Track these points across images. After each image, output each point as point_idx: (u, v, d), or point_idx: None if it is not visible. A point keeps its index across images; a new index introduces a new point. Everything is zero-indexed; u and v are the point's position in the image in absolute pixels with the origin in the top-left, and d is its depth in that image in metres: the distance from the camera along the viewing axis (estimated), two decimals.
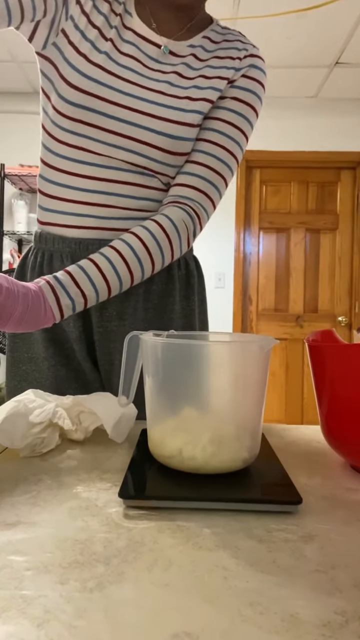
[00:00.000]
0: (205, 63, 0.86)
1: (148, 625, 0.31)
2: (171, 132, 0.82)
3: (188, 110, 0.83)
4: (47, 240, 0.89)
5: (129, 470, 0.54)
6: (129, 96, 0.81)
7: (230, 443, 0.53)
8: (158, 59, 0.85)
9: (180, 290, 0.93)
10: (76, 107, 0.80)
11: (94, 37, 0.81)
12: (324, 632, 0.30)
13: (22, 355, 0.92)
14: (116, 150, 0.83)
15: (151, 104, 0.81)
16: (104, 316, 0.88)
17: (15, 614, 0.31)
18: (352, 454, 0.59)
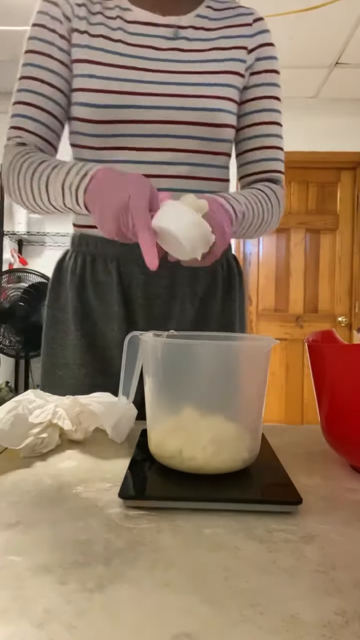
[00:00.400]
0: (216, 33, 0.89)
1: (148, 625, 0.31)
2: (205, 106, 0.84)
3: (214, 84, 0.85)
4: (89, 243, 0.88)
5: (129, 471, 0.54)
6: (151, 83, 0.82)
7: (230, 443, 0.53)
8: (169, 37, 0.86)
9: (222, 290, 0.93)
10: (103, 109, 0.82)
11: (101, 44, 0.83)
12: (324, 633, 0.30)
13: (59, 360, 0.90)
14: (154, 140, 0.83)
15: (178, 85, 0.83)
16: (150, 317, 0.88)
17: (15, 614, 0.31)
18: (352, 454, 0.59)
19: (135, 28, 0.85)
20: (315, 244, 3.71)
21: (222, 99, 0.85)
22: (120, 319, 0.87)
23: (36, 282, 3.00)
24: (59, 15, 0.84)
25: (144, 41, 0.85)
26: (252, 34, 0.89)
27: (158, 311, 0.88)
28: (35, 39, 0.85)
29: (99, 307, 0.88)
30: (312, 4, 2.50)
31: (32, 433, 0.61)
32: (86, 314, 0.89)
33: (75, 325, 0.89)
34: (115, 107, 0.82)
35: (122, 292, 0.87)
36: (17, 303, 2.93)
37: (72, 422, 0.67)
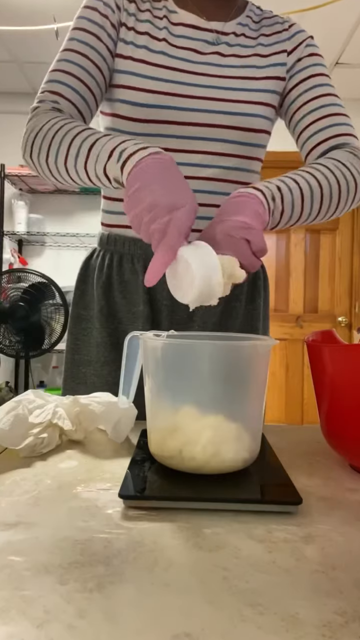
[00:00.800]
0: (256, 41, 0.90)
1: (148, 625, 0.31)
2: (242, 110, 0.84)
3: (255, 90, 0.86)
4: (117, 242, 0.89)
5: (129, 471, 0.54)
6: (192, 86, 0.83)
7: (230, 443, 0.53)
8: (213, 42, 0.88)
9: (247, 293, 0.93)
10: (142, 107, 0.82)
11: (145, 42, 0.84)
12: (324, 633, 0.30)
13: (83, 357, 0.91)
14: (191, 142, 0.84)
15: (217, 89, 0.84)
16: (174, 319, 0.88)
17: (15, 615, 0.31)
18: (352, 454, 0.59)
19: (179, 30, 0.87)
20: (315, 244, 3.70)
21: (260, 105, 0.86)
22: (145, 318, 0.88)
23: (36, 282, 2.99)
24: (112, 4, 0.85)
25: (187, 44, 0.86)
26: (289, 37, 0.91)
27: (182, 313, 0.88)
28: (85, 19, 0.84)
29: (124, 306, 0.89)
30: (312, 4, 2.50)
31: (32, 433, 0.61)
32: (111, 312, 0.90)
33: (100, 323, 0.90)
34: (155, 106, 0.82)
35: (147, 291, 0.88)
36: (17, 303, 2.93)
37: (72, 422, 0.67)
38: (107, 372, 0.89)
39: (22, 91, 3.52)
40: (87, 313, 0.92)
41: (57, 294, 2.96)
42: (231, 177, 0.87)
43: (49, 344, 3.00)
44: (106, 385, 0.88)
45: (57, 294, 2.97)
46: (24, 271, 3.15)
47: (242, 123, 0.85)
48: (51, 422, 0.64)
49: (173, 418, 0.54)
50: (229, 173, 0.87)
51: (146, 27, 0.85)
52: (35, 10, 2.60)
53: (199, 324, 0.89)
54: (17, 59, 3.12)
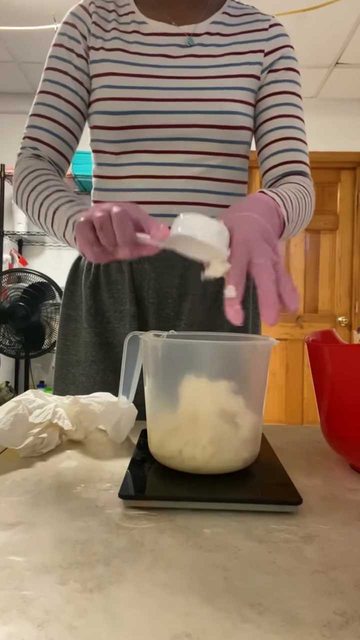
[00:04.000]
0: (232, 39, 0.90)
1: (148, 625, 0.31)
2: (221, 109, 0.85)
3: (231, 87, 0.86)
4: None
5: (129, 471, 0.54)
6: (166, 89, 0.84)
7: (230, 443, 0.53)
8: (186, 44, 0.88)
9: None
10: (120, 115, 0.84)
11: (118, 57, 0.86)
12: (324, 633, 0.30)
13: (72, 358, 0.92)
14: (169, 143, 0.85)
15: (193, 90, 0.85)
16: (161, 317, 0.89)
17: (15, 615, 0.31)
18: (352, 454, 0.59)
19: (151, 39, 0.88)
20: (315, 244, 3.70)
21: (237, 102, 0.86)
22: (132, 317, 0.88)
23: (36, 282, 3.00)
24: (77, 35, 0.89)
25: (159, 50, 0.87)
26: (268, 38, 0.90)
27: (169, 310, 0.89)
28: (54, 57, 0.89)
29: (112, 305, 0.90)
30: (312, 4, 2.50)
31: (32, 433, 0.61)
32: (99, 312, 0.91)
33: (88, 323, 0.90)
34: (130, 113, 0.84)
35: (133, 290, 0.88)
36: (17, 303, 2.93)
37: (72, 422, 0.67)
38: (95, 371, 0.89)
39: (22, 91, 3.53)
40: (76, 314, 0.93)
41: (57, 294, 2.96)
42: (217, 175, 0.88)
43: (49, 344, 3.01)
44: (95, 385, 0.88)
45: (57, 294, 2.97)
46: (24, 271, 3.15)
47: (221, 121, 0.85)
48: (51, 422, 0.64)
49: (173, 418, 0.54)
50: (214, 171, 0.87)
51: (116, 43, 0.88)
52: (35, 10, 2.60)
53: (186, 322, 0.89)
54: (17, 59, 3.12)
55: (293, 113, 0.90)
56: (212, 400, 0.53)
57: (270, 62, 0.90)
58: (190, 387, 0.53)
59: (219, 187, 0.88)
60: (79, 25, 0.89)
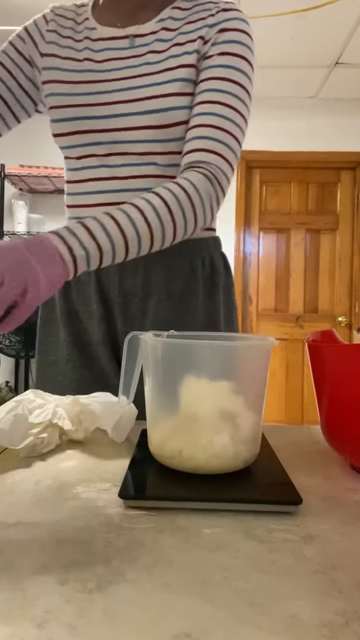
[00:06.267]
0: (177, 31, 0.85)
1: (148, 625, 0.31)
2: (156, 107, 0.81)
3: (168, 81, 0.82)
4: None
5: (129, 471, 0.54)
6: (113, 92, 0.84)
7: (230, 443, 0.53)
8: (128, 46, 0.87)
9: (204, 289, 0.92)
10: (69, 122, 0.85)
11: (67, 65, 0.87)
12: (324, 633, 0.30)
13: (49, 358, 0.93)
14: (115, 146, 0.85)
15: (133, 90, 0.83)
16: (127, 317, 0.89)
17: (15, 615, 0.31)
18: (352, 454, 0.59)
19: (100, 45, 0.88)
20: (315, 244, 3.70)
21: (174, 96, 0.81)
22: (99, 317, 0.89)
23: None
24: (26, 38, 0.90)
25: (106, 55, 0.87)
26: (212, 24, 0.83)
27: (134, 309, 0.89)
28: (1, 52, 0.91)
29: (81, 305, 0.91)
30: (312, 4, 2.50)
31: (32, 433, 0.61)
32: (71, 312, 0.91)
33: (62, 323, 0.92)
34: (76, 119, 0.85)
35: (99, 291, 0.89)
36: None
37: (72, 422, 0.67)
38: (71, 369, 0.90)
39: None
40: (53, 315, 0.94)
41: None
42: (170, 173, 0.86)
43: None
44: (72, 383, 0.89)
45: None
46: None
47: (157, 120, 0.82)
48: (51, 422, 0.64)
49: (173, 418, 0.54)
50: (165, 169, 0.86)
51: (68, 52, 0.88)
52: (34, 11, 2.60)
53: (153, 320, 0.89)
54: None
55: (219, 99, 0.79)
56: (212, 401, 0.53)
57: (207, 49, 0.82)
58: (191, 387, 0.53)
59: None
60: (32, 31, 0.90)
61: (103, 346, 0.89)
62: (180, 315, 0.90)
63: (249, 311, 3.69)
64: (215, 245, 0.95)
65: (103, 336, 0.89)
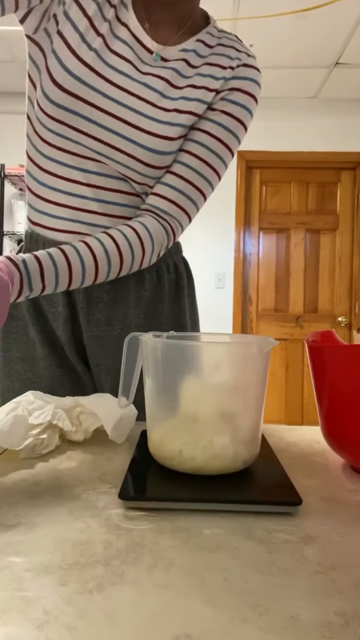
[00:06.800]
0: (197, 70, 0.81)
1: (148, 626, 0.31)
2: (155, 147, 0.79)
3: (174, 124, 0.79)
4: (39, 242, 0.87)
5: (129, 472, 0.54)
6: (117, 103, 0.77)
7: (230, 444, 0.53)
8: (149, 63, 0.80)
9: (169, 294, 0.93)
10: (60, 109, 0.76)
11: (84, 29, 0.75)
12: (324, 633, 0.30)
13: (14, 354, 0.91)
14: (97, 155, 0.80)
15: (139, 115, 0.78)
16: (91, 322, 0.88)
17: (15, 616, 0.31)
18: (352, 454, 0.59)
19: (121, 32, 0.78)
20: (315, 244, 3.71)
21: (171, 140, 0.79)
22: (64, 319, 0.88)
23: None
24: None
25: (124, 52, 0.78)
26: (229, 78, 0.81)
27: (100, 315, 0.88)
28: None
29: (46, 306, 0.89)
30: (312, 4, 2.50)
31: (32, 434, 0.61)
32: (38, 311, 0.90)
33: (30, 321, 0.90)
34: (71, 111, 0.76)
35: (65, 294, 0.87)
36: None
37: (72, 423, 0.67)
38: (42, 367, 0.89)
39: (22, 91, 3.52)
40: (17, 312, 0.92)
41: None
42: (140, 191, 0.83)
43: None
44: (43, 380, 0.89)
45: None
46: None
47: (153, 160, 0.79)
48: (51, 423, 0.64)
49: (173, 419, 0.54)
50: (140, 188, 0.83)
51: (93, 9, 0.76)
52: None
53: (121, 326, 0.88)
54: (17, 59, 3.12)
55: (206, 159, 0.81)
56: (212, 401, 0.53)
57: (215, 101, 0.81)
58: (190, 387, 0.53)
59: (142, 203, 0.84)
60: None
61: (69, 346, 0.89)
62: (148, 321, 0.90)
63: (249, 311, 3.70)
64: (177, 251, 0.96)
65: (69, 337, 0.88)
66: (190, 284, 0.98)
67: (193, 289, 0.99)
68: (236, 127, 0.82)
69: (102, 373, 0.90)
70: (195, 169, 0.81)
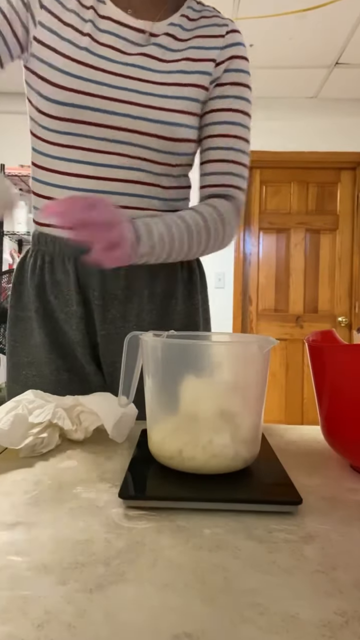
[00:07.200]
0: (187, 44, 0.86)
1: (148, 625, 0.31)
2: (168, 120, 0.82)
3: (180, 97, 0.83)
4: (47, 242, 0.88)
5: (129, 471, 0.54)
6: (117, 89, 0.80)
7: (230, 443, 0.53)
8: (139, 42, 0.83)
9: (183, 291, 0.92)
10: (62, 106, 0.79)
11: (71, 36, 0.80)
12: (324, 633, 0.30)
13: (22, 359, 0.90)
14: (109, 144, 0.82)
15: (140, 94, 0.81)
16: (107, 319, 0.88)
17: (15, 615, 0.31)
18: (352, 454, 0.59)
19: (105, 25, 0.82)
20: (315, 244, 3.71)
21: (183, 113, 0.83)
22: (79, 318, 0.87)
23: None
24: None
25: (111, 41, 0.82)
26: (223, 46, 0.86)
27: (115, 312, 0.88)
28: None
29: (59, 306, 0.88)
30: (312, 4, 2.50)
31: (32, 433, 0.61)
32: (47, 312, 0.89)
33: (38, 324, 0.89)
34: (75, 106, 0.79)
35: (79, 292, 0.87)
36: None
37: (72, 422, 0.67)
38: (49, 371, 0.88)
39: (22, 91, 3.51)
40: (24, 314, 0.91)
41: None
42: (159, 182, 0.86)
43: None
44: (50, 385, 0.87)
45: None
46: None
47: (163, 132, 0.82)
48: (51, 422, 0.64)
49: (173, 418, 0.54)
50: (151, 177, 0.85)
51: (72, 18, 0.81)
52: None
53: (135, 323, 0.88)
54: None
55: (234, 133, 0.87)
56: (212, 401, 0.53)
57: (219, 75, 0.86)
58: (190, 387, 0.53)
59: (160, 193, 0.87)
60: None
61: (81, 347, 0.88)
62: (161, 317, 0.90)
63: (249, 311, 3.70)
64: None
65: (82, 337, 0.88)
66: (202, 282, 0.98)
67: (205, 286, 0.99)
68: (245, 92, 0.89)
69: (117, 371, 0.90)
70: (232, 147, 0.88)
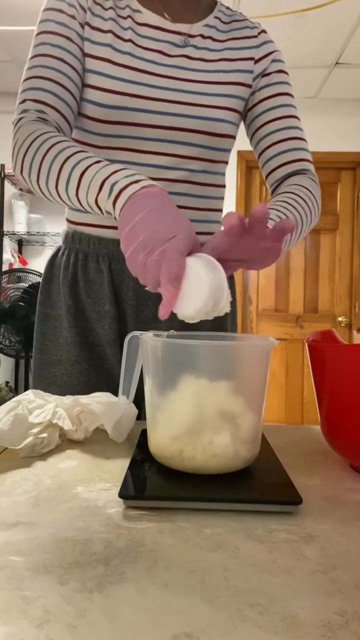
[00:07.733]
0: (224, 45, 0.90)
1: (148, 625, 0.31)
2: (209, 115, 0.85)
3: (221, 95, 0.86)
4: (82, 240, 0.88)
5: (129, 471, 0.54)
6: (161, 89, 0.83)
7: (230, 444, 0.53)
8: (179, 44, 0.87)
9: None
10: (111, 109, 0.82)
11: (111, 41, 0.83)
12: (324, 633, 0.30)
13: (51, 357, 0.90)
14: (155, 144, 0.84)
15: (182, 93, 0.84)
16: (140, 319, 0.88)
17: (15, 615, 0.31)
18: (352, 454, 0.59)
19: (145, 31, 0.86)
20: (315, 244, 3.70)
21: (225, 110, 0.86)
22: (111, 317, 0.87)
23: (36, 282, 3.00)
24: (76, 4, 0.83)
25: (153, 45, 0.85)
26: (258, 45, 0.92)
27: (148, 312, 0.88)
28: (52, 22, 0.82)
29: (90, 305, 0.89)
30: (312, 4, 2.50)
31: (32, 433, 0.61)
32: (79, 311, 0.89)
33: (68, 322, 0.89)
34: (122, 108, 0.82)
35: (113, 291, 0.87)
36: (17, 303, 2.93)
37: (72, 422, 0.67)
38: (78, 371, 0.88)
39: None
40: (54, 312, 0.91)
41: None
42: (196, 179, 0.88)
43: None
44: (79, 385, 0.87)
45: None
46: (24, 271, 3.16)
47: (208, 127, 0.85)
48: (51, 422, 0.64)
49: (173, 418, 0.54)
50: (194, 175, 0.88)
51: (110, 25, 0.84)
52: (35, 10, 2.60)
53: (166, 323, 0.87)
54: (17, 59, 3.12)
55: (290, 113, 0.92)
56: (212, 401, 0.53)
57: (263, 69, 0.91)
58: (190, 387, 0.53)
59: (199, 191, 0.89)
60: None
61: (112, 347, 0.88)
62: None
63: (249, 311, 3.69)
64: None
65: (115, 338, 0.88)
66: (231, 283, 0.97)
67: (233, 288, 0.98)
68: (288, 78, 0.95)
69: None
70: (292, 126, 0.92)
